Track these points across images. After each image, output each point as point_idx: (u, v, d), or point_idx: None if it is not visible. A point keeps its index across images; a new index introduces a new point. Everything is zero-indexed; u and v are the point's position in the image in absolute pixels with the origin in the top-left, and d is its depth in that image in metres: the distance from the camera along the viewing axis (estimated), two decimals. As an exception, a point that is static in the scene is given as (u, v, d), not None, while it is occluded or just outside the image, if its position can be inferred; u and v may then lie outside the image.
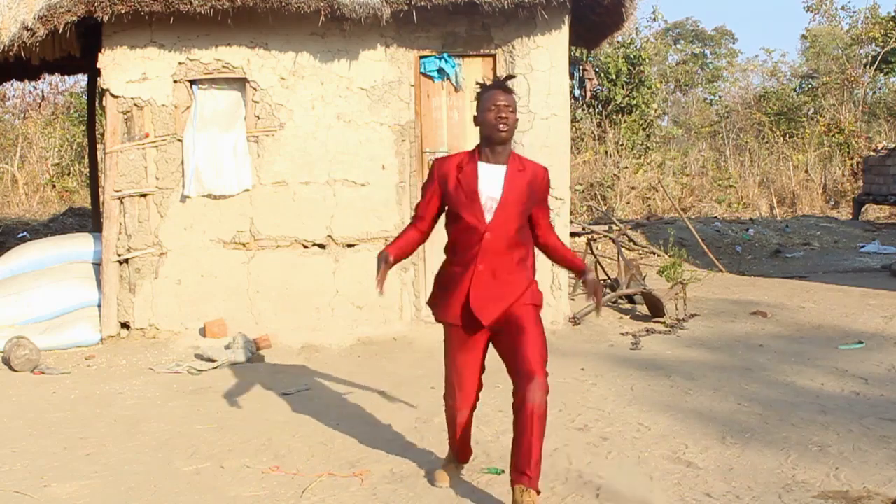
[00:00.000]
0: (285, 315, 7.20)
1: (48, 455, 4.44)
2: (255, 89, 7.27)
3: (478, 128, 3.65)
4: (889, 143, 17.75)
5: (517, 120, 3.64)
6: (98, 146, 9.94)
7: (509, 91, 3.63)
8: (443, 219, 3.78)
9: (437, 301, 3.77)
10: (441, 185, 3.68)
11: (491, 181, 3.60)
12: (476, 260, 3.59)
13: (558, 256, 3.81)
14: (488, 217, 3.57)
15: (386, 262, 3.65)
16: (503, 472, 4.02)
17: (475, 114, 3.66)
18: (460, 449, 3.94)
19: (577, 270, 3.78)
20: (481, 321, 3.59)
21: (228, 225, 7.26)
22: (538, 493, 3.45)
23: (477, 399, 3.84)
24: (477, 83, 3.76)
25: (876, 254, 12.15)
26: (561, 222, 7.38)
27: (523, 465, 3.42)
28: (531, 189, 3.63)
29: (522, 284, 3.64)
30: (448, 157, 3.73)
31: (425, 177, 7.56)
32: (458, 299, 3.64)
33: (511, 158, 3.64)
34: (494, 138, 3.59)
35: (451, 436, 3.92)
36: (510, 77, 3.78)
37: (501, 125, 3.55)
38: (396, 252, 3.72)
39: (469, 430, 3.86)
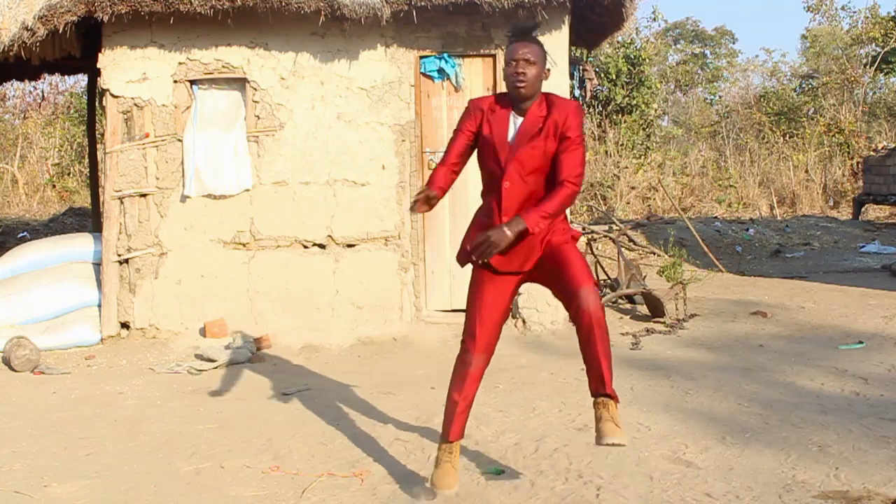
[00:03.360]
0: (285, 315, 7.20)
1: (48, 455, 4.44)
2: (255, 89, 7.27)
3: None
4: (889, 143, 17.75)
5: (541, 73, 3.48)
6: (98, 146, 9.94)
7: (532, 41, 3.49)
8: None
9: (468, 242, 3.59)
10: (476, 123, 3.55)
11: (514, 130, 3.52)
12: (501, 208, 3.48)
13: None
14: (506, 165, 3.48)
15: (428, 193, 3.51)
16: (503, 471, 4.03)
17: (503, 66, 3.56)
18: (459, 417, 3.63)
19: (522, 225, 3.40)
20: (520, 267, 3.50)
21: (228, 225, 7.27)
22: (616, 400, 3.42)
23: (492, 351, 3.62)
24: (506, 34, 3.61)
25: (876, 254, 12.15)
26: (561, 222, 7.38)
27: (596, 384, 3.39)
28: (551, 131, 3.46)
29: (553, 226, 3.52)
30: (483, 98, 3.62)
31: (425, 177, 7.62)
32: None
33: (533, 106, 3.50)
34: (514, 95, 3.49)
35: (454, 396, 3.62)
36: (535, 25, 3.60)
37: (518, 82, 3.43)
38: (436, 187, 3.55)
39: (475, 392, 3.63)
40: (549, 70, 3.58)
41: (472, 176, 7.44)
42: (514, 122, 3.54)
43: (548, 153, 3.50)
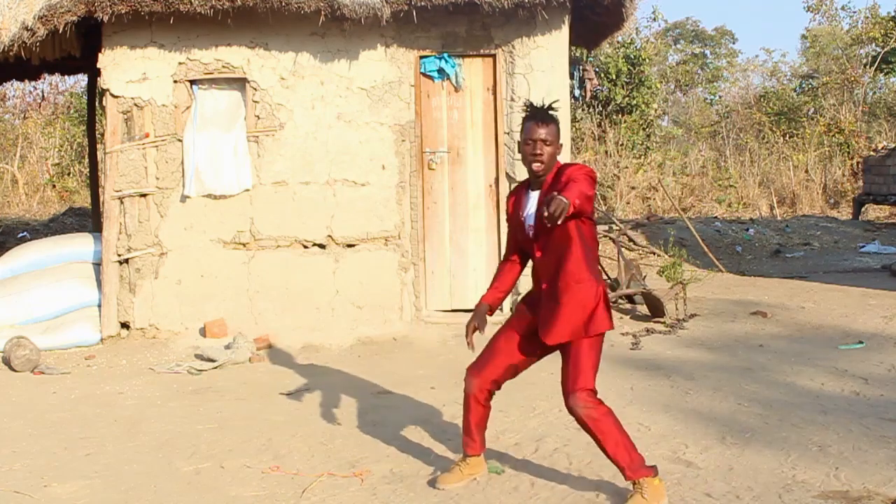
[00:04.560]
0: (285, 315, 7.20)
1: (48, 455, 4.45)
2: (255, 89, 7.27)
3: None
4: (889, 143, 17.75)
5: (556, 151, 3.65)
6: (98, 146, 9.94)
7: (549, 120, 3.63)
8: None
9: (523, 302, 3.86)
10: (511, 210, 3.81)
11: (532, 205, 3.69)
12: (539, 280, 3.69)
13: None
14: (533, 238, 3.67)
15: (481, 314, 3.82)
16: (503, 471, 4.03)
17: (520, 140, 3.72)
18: (467, 433, 3.86)
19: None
20: (545, 340, 3.65)
21: (228, 225, 7.27)
22: (650, 475, 3.56)
23: (493, 387, 3.79)
24: (523, 107, 3.75)
25: (876, 254, 12.15)
26: (561, 222, 7.38)
27: (620, 469, 3.59)
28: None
29: (587, 307, 3.62)
30: (516, 186, 3.88)
31: (425, 177, 7.63)
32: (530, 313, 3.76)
33: (548, 178, 3.64)
34: (529, 172, 3.67)
35: (464, 414, 3.87)
36: (551, 108, 3.72)
37: (535, 162, 3.61)
38: (493, 296, 3.87)
39: (479, 414, 3.82)
40: (561, 145, 3.73)
41: (471, 175, 7.49)
42: (533, 197, 3.69)
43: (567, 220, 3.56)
